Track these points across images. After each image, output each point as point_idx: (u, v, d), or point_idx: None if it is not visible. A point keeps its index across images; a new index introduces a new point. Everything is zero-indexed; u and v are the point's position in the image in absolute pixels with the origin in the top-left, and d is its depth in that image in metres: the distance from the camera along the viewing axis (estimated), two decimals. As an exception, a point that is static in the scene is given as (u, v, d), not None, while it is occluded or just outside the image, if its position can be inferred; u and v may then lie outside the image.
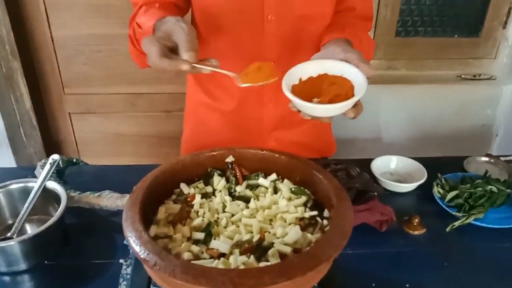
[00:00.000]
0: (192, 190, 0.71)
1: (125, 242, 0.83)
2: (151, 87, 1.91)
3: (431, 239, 0.89)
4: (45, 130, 2.00)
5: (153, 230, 0.61)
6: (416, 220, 0.91)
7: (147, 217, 0.62)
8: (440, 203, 0.97)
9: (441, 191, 1.00)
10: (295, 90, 0.72)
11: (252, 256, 0.56)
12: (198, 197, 0.68)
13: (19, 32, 1.75)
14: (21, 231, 0.84)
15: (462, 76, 1.96)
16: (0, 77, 1.75)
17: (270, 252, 0.56)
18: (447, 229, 0.91)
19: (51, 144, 2.04)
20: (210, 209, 0.67)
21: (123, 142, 2.05)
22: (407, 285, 0.77)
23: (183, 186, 0.71)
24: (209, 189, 0.72)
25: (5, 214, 0.89)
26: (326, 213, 0.65)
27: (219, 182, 0.72)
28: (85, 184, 1.00)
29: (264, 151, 0.74)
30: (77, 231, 0.88)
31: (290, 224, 0.63)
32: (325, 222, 0.64)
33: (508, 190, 0.96)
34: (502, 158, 1.17)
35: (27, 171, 1.05)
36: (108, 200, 0.91)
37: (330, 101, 0.68)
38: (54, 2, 1.73)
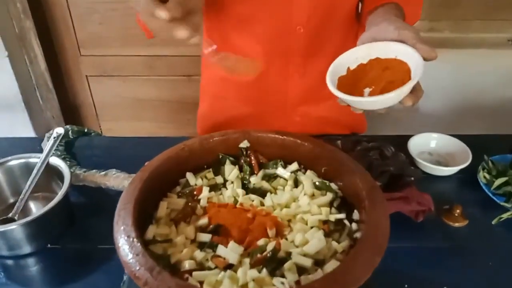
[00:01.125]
0: (199, 181, 0.62)
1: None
2: (170, 49, 1.80)
3: (474, 233, 0.79)
4: (62, 93, 1.94)
5: (151, 231, 0.53)
6: (458, 210, 0.80)
7: (147, 214, 0.54)
8: (486, 190, 0.85)
9: (487, 176, 0.88)
10: (342, 82, 0.63)
11: (264, 270, 0.47)
12: (205, 191, 0.59)
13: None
14: (24, 210, 0.78)
15: (513, 40, 1.79)
16: (12, 37, 1.68)
17: (286, 265, 0.48)
18: (493, 222, 0.80)
19: (69, 108, 1.99)
20: (219, 205, 0.59)
21: (142, 107, 1.99)
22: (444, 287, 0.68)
23: (189, 176, 0.63)
24: (219, 179, 0.63)
25: (6, 192, 0.83)
26: (355, 214, 0.55)
27: (231, 171, 0.63)
28: (95, 158, 0.95)
29: (285, 136, 0.64)
30: (83, 212, 0.82)
31: (311, 228, 0.54)
32: (354, 226, 0.54)
33: None
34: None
35: (35, 142, 0.99)
36: (115, 180, 0.84)
37: (383, 90, 0.59)
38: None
